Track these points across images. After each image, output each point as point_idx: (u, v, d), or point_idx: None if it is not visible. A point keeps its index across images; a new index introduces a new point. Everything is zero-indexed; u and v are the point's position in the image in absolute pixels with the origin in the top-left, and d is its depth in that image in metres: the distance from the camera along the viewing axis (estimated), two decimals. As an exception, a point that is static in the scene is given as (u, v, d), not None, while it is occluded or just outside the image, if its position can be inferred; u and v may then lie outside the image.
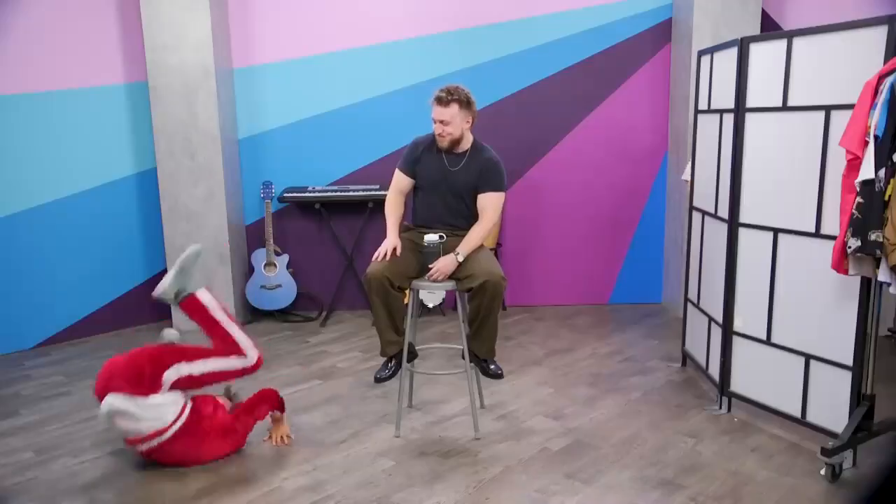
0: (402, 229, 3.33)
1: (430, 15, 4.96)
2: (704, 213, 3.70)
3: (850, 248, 2.54)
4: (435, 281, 3.08)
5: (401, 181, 3.31)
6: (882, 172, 2.44)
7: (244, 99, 4.98)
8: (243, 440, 3.06)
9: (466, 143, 3.21)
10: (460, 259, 3.07)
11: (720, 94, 3.45)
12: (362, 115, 5.04)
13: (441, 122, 3.11)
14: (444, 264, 3.07)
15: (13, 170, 4.36)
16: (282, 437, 3.14)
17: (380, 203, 5.01)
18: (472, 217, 3.22)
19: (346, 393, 3.74)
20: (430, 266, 3.09)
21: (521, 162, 5.12)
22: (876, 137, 2.45)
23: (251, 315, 5.09)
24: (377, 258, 3.11)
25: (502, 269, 3.09)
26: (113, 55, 4.67)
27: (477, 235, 3.14)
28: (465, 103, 3.11)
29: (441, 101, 3.09)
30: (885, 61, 2.55)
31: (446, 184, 3.20)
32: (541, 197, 5.20)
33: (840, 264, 2.62)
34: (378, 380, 3.22)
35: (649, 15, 5.01)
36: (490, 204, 3.19)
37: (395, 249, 3.12)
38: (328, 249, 5.17)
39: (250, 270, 5.00)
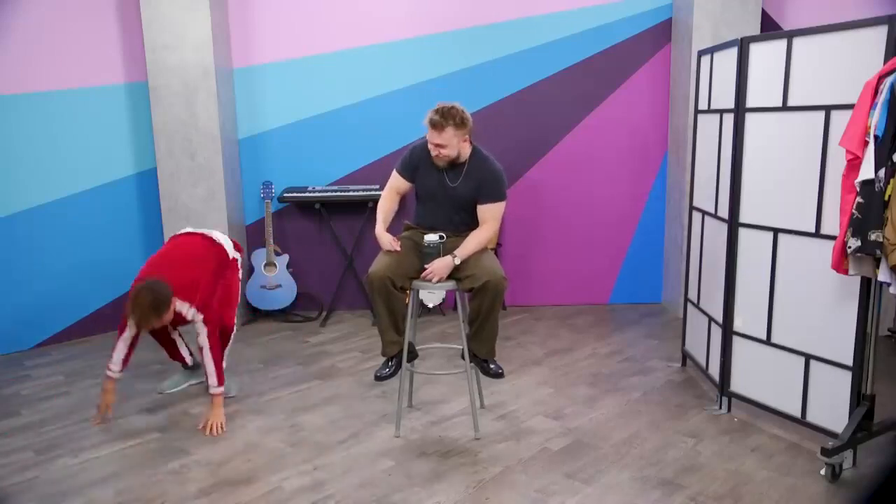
0: (404, 228, 3.34)
1: (430, 15, 4.96)
2: (704, 213, 3.70)
3: (850, 248, 2.54)
4: (430, 282, 3.08)
5: (398, 183, 3.29)
6: (882, 172, 2.45)
7: (244, 99, 4.98)
8: None
9: (465, 155, 3.16)
10: (457, 262, 3.07)
11: (720, 94, 3.45)
12: (362, 115, 5.04)
13: (437, 145, 3.06)
14: (440, 266, 3.06)
15: (13, 170, 4.36)
16: (213, 426, 3.25)
17: (380, 203, 5.05)
18: (474, 224, 3.21)
19: (346, 393, 3.74)
20: (426, 266, 3.09)
21: (521, 162, 5.12)
22: (876, 137, 2.45)
23: (251, 315, 5.09)
24: (386, 252, 3.11)
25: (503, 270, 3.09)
26: (113, 55, 4.66)
27: (476, 241, 3.12)
28: (460, 123, 3.03)
29: (435, 126, 3.02)
30: (885, 61, 2.55)
31: (446, 197, 3.18)
32: (541, 197, 5.20)
33: (840, 264, 2.62)
34: (378, 378, 3.21)
35: (649, 15, 5.01)
36: (491, 214, 3.18)
37: (392, 241, 3.13)
38: (328, 249, 5.17)
39: (250, 270, 5.00)
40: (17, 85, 4.32)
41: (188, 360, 3.74)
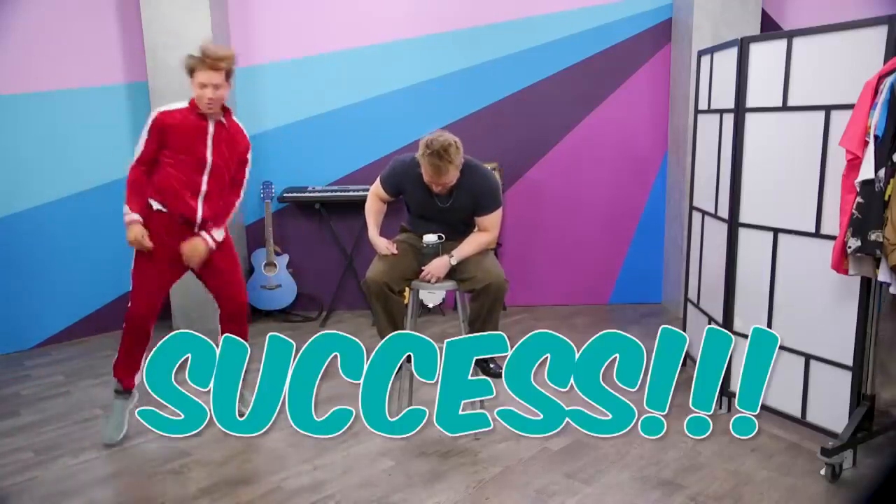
0: (400, 230, 3.33)
1: (430, 15, 4.96)
2: (704, 213, 3.70)
3: (850, 248, 2.54)
4: (428, 282, 3.08)
5: (382, 193, 3.26)
6: (882, 172, 2.45)
7: (244, 99, 4.98)
8: None
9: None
10: (454, 262, 3.06)
11: (720, 94, 3.45)
12: (362, 115, 5.04)
13: (441, 184, 2.98)
14: (437, 266, 3.06)
15: (14, 170, 4.36)
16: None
17: (380, 203, 5.05)
18: (472, 229, 3.21)
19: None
20: (423, 267, 3.09)
21: (521, 162, 5.12)
22: (876, 137, 2.45)
23: (251, 315, 5.08)
24: (382, 256, 3.10)
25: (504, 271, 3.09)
26: (113, 55, 4.66)
27: (475, 245, 3.12)
28: (457, 157, 2.92)
29: (439, 171, 2.89)
30: (885, 61, 2.55)
31: (439, 216, 3.15)
32: (541, 197, 5.20)
33: (840, 264, 2.62)
34: (378, 379, 3.21)
35: (649, 15, 5.01)
36: (490, 223, 3.16)
37: (388, 245, 3.13)
38: (328, 249, 5.17)
39: (250, 270, 5.00)
40: (17, 85, 4.32)
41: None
